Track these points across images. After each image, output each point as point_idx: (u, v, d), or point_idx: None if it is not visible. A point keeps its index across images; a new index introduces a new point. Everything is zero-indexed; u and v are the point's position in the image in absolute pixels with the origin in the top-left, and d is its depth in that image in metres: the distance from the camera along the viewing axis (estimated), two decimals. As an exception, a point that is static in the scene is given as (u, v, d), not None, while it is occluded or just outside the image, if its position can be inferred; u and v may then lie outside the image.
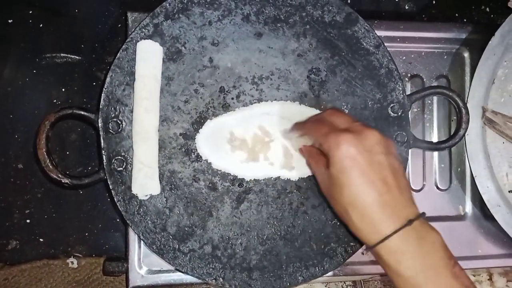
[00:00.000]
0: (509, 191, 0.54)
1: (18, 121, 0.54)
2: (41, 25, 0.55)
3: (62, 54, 0.55)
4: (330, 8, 0.49)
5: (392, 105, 0.49)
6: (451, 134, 0.51)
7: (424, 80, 0.57)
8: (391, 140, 0.39)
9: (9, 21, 0.55)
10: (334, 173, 0.37)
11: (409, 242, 0.35)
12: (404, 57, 0.57)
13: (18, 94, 0.55)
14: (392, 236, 0.35)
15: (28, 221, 0.54)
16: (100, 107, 0.45)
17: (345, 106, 0.49)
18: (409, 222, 0.35)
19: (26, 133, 0.54)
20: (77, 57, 0.56)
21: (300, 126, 0.45)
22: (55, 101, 0.55)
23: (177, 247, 0.46)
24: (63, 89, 0.55)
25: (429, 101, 0.57)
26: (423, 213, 0.37)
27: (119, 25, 0.56)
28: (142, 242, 0.49)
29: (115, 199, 0.45)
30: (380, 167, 0.36)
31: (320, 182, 0.42)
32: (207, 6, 0.47)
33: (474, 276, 0.60)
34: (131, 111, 0.46)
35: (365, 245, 0.38)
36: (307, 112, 0.49)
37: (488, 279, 0.60)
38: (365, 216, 0.36)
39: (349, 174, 0.36)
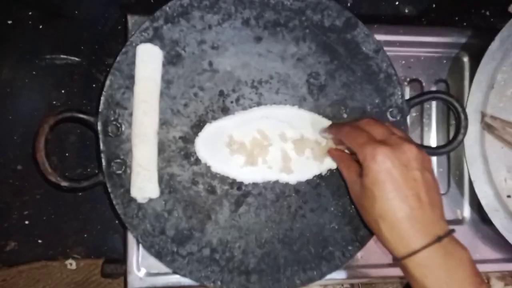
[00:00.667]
0: (507, 196, 0.54)
1: (17, 123, 0.54)
2: (40, 27, 0.55)
3: (61, 56, 0.55)
4: (330, 12, 0.49)
5: (391, 109, 0.49)
6: (450, 139, 0.51)
7: (423, 84, 0.57)
8: (427, 155, 0.39)
9: (9, 22, 0.55)
10: (368, 185, 0.38)
11: (436, 258, 0.36)
12: (404, 61, 0.57)
13: (17, 95, 0.55)
14: (421, 251, 0.36)
15: (26, 222, 0.54)
16: (100, 110, 0.45)
17: (344, 110, 0.49)
18: (439, 238, 0.36)
19: (25, 134, 0.54)
20: (76, 59, 0.56)
21: (336, 130, 0.44)
22: (54, 102, 0.55)
23: (175, 250, 0.46)
24: (63, 91, 0.55)
25: (428, 106, 0.58)
26: (453, 230, 0.38)
27: (119, 27, 0.56)
28: (140, 244, 0.49)
29: (114, 202, 0.45)
30: (415, 183, 0.37)
31: (350, 189, 0.42)
32: (207, 10, 0.47)
33: (471, 279, 0.60)
34: (131, 114, 0.46)
35: (392, 256, 0.39)
36: (306, 116, 0.49)
37: (486, 283, 0.61)
38: (395, 230, 0.37)
39: (382, 187, 0.37)
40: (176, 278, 0.51)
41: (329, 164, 0.48)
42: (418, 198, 0.37)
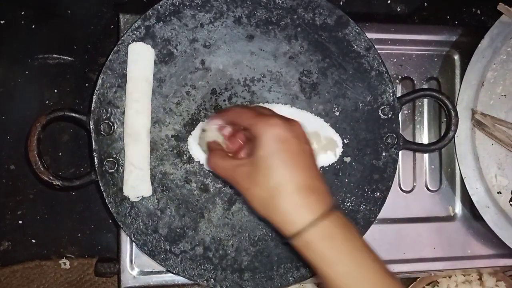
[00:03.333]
0: (497, 192, 0.55)
1: (10, 122, 0.54)
2: (33, 26, 0.55)
3: (54, 55, 0.55)
4: (321, 11, 0.49)
5: (382, 107, 0.50)
6: (441, 136, 0.51)
7: (415, 82, 0.58)
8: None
9: (1, 22, 0.55)
10: (263, 155, 0.36)
11: (337, 228, 0.36)
12: (395, 59, 0.57)
13: (10, 95, 0.55)
14: (322, 220, 0.35)
15: (20, 222, 0.54)
16: (92, 109, 0.45)
17: (336, 108, 0.50)
18: (335, 208, 0.36)
19: (18, 134, 0.54)
20: (69, 58, 0.56)
21: (225, 114, 0.42)
22: (47, 102, 0.55)
23: (168, 248, 0.46)
24: (56, 90, 0.55)
25: (420, 103, 0.58)
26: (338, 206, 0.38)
27: (112, 26, 0.56)
28: (133, 243, 0.49)
29: (106, 201, 0.45)
30: (305, 154, 0.37)
31: (235, 175, 0.39)
32: (199, 8, 0.47)
33: (464, 275, 0.61)
34: (123, 113, 0.46)
35: (288, 233, 0.36)
36: (299, 114, 0.49)
37: (478, 279, 0.61)
38: (293, 196, 0.36)
39: (279, 156, 0.36)
40: (170, 277, 0.51)
41: (321, 161, 0.48)
42: (310, 169, 0.37)
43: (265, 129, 0.37)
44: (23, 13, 0.55)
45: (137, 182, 0.45)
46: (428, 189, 0.58)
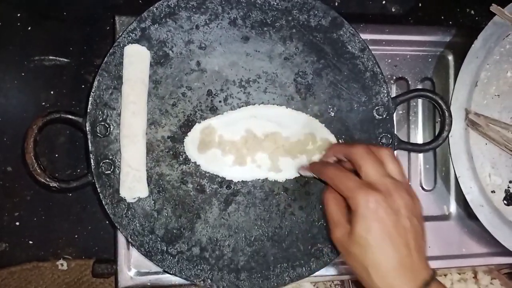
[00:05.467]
0: (491, 191, 0.55)
1: (7, 124, 0.55)
2: (29, 28, 0.55)
3: (50, 57, 0.56)
4: (316, 12, 0.49)
5: (377, 107, 0.50)
6: (435, 135, 0.52)
7: (409, 82, 0.58)
8: (417, 200, 0.40)
9: (-3, 24, 0.55)
10: (360, 232, 0.37)
11: None
12: (390, 60, 0.58)
13: (6, 97, 0.55)
14: None
15: (17, 223, 0.55)
16: (88, 111, 0.45)
17: (331, 109, 0.50)
18: (426, 283, 0.37)
19: (14, 136, 0.54)
20: (65, 60, 0.56)
21: (320, 170, 0.43)
22: (43, 103, 0.55)
23: (165, 249, 0.47)
24: (52, 92, 0.55)
25: (414, 103, 0.58)
26: (435, 272, 0.39)
27: (108, 28, 0.56)
28: (130, 244, 0.49)
29: (103, 202, 0.45)
30: (405, 231, 0.37)
31: (334, 229, 0.40)
32: (194, 10, 0.48)
33: (459, 274, 0.61)
34: (119, 115, 0.46)
35: None
36: (294, 115, 0.49)
37: (473, 277, 0.62)
38: (386, 279, 0.37)
39: (375, 237, 0.37)
40: (167, 277, 0.51)
41: None
42: (407, 246, 0.37)
43: (364, 206, 0.37)
44: (19, 15, 0.55)
45: (133, 183, 0.45)
46: (423, 188, 0.58)
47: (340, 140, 0.50)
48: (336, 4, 0.61)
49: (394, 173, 0.40)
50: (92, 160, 0.45)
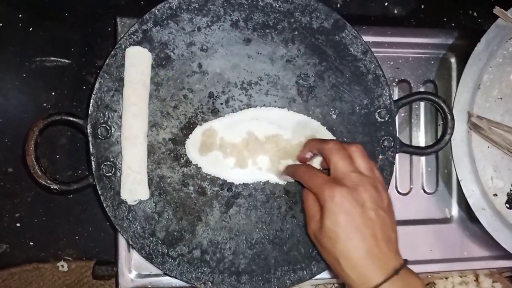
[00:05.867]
0: (493, 195, 0.55)
1: (7, 125, 0.54)
2: (30, 29, 0.55)
3: (51, 58, 0.55)
4: (318, 14, 0.49)
5: (379, 110, 0.50)
6: (438, 138, 0.52)
7: (412, 85, 0.58)
8: (384, 193, 0.41)
9: (-2, 24, 0.55)
10: (329, 225, 0.39)
11: (402, 285, 0.38)
12: (392, 62, 0.58)
13: (7, 98, 0.54)
14: (382, 285, 0.37)
15: (18, 224, 0.55)
16: (89, 113, 0.45)
17: (333, 111, 0.50)
18: (396, 271, 0.38)
19: (15, 137, 0.54)
20: (66, 61, 0.56)
21: (293, 171, 0.45)
22: (44, 104, 0.55)
23: (166, 251, 0.46)
24: (53, 93, 0.55)
25: (416, 106, 0.58)
26: (406, 261, 0.40)
27: (109, 29, 0.56)
28: (131, 246, 0.49)
29: (104, 205, 0.45)
30: (371, 222, 0.39)
31: (308, 222, 0.42)
32: (196, 12, 0.47)
33: (461, 277, 0.61)
34: (120, 117, 0.46)
35: None
36: (296, 117, 0.49)
37: (474, 280, 0.62)
38: (356, 268, 0.38)
39: (342, 229, 0.39)
40: (167, 280, 0.51)
41: (318, 165, 0.49)
42: (374, 236, 0.39)
43: (330, 200, 0.39)
44: (20, 15, 0.55)
45: (134, 186, 0.45)
46: (424, 191, 0.58)
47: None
48: (338, 6, 0.61)
49: (362, 168, 0.41)
50: (93, 162, 0.45)
